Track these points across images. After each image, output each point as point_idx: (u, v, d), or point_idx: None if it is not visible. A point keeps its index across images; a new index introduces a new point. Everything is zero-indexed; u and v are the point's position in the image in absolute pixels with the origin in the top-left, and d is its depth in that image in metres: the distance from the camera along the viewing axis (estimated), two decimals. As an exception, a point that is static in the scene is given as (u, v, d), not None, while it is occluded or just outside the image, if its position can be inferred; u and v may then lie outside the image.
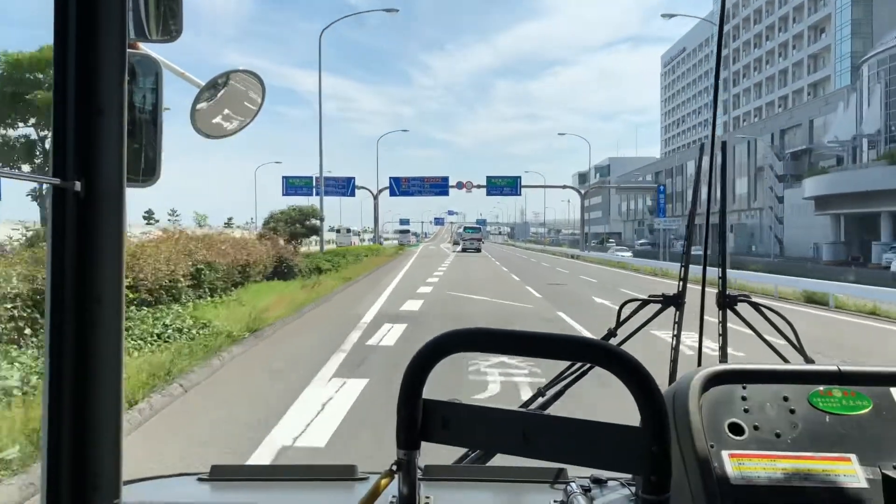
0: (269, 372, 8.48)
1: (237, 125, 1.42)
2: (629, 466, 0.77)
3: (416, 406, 0.81)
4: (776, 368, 1.15)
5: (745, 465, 1.03)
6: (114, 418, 0.95)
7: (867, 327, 13.83)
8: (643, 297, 1.80)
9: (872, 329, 13.57)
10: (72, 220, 0.91)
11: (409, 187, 58.86)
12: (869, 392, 1.10)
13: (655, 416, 0.71)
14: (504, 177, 59.60)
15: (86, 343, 0.93)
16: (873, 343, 11.70)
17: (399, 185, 58.94)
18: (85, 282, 0.93)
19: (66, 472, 0.92)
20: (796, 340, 1.63)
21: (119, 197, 0.94)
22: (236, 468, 1.31)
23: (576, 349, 0.80)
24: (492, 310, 15.61)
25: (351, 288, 21.51)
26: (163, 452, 5.16)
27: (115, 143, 0.93)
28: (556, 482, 1.25)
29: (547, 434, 0.78)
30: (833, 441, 1.05)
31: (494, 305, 16.54)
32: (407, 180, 59.20)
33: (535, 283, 24.03)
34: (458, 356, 1.03)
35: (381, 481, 0.81)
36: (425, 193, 59.26)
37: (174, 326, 9.69)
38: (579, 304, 16.68)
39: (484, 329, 0.80)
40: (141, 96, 1.05)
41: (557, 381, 1.66)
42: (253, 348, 10.03)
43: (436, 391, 0.80)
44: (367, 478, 1.27)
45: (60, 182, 0.90)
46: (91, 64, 0.92)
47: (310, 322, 13.35)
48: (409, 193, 59.03)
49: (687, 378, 1.13)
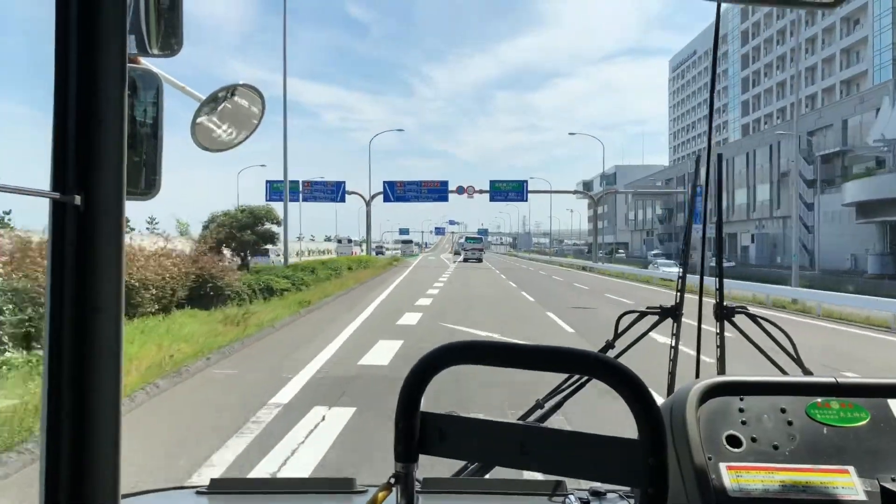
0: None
1: (237, 138, 1.44)
2: (627, 479, 0.78)
3: (414, 419, 0.81)
4: (774, 380, 1.15)
5: (743, 477, 1.02)
6: (112, 431, 0.95)
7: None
8: (641, 308, 1.83)
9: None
10: (71, 234, 0.92)
11: (404, 192, 54.34)
12: (867, 404, 1.10)
13: (653, 428, 0.72)
14: (509, 181, 54.67)
15: (85, 356, 0.94)
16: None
17: (394, 190, 54.39)
18: (84, 294, 0.93)
19: (65, 485, 0.92)
20: (794, 352, 1.66)
21: (118, 210, 0.95)
22: (235, 481, 1.37)
23: (574, 362, 0.81)
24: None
25: (302, 319, 15.43)
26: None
27: (115, 157, 0.94)
28: (555, 495, 1.24)
29: (545, 446, 0.78)
30: (831, 453, 1.05)
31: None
32: (402, 185, 54.69)
33: (555, 306, 18.93)
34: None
35: (379, 494, 0.81)
36: (422, 199, 54.88)
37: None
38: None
39: (481, 342, 0.82)
40: (142, 110, 1.07)
41: (555, 393, 1.67)
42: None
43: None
44: (365, 491, 1.27)
45: (60, 196, 0.91)
46: (92, 78, 0.93)
47: (158, 413, 6.98)
48: (405, 199, 54.67)
49: (685, 390, 1.13)
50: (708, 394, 1.11)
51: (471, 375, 6.45)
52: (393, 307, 17.87)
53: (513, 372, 0.84)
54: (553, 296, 23.28)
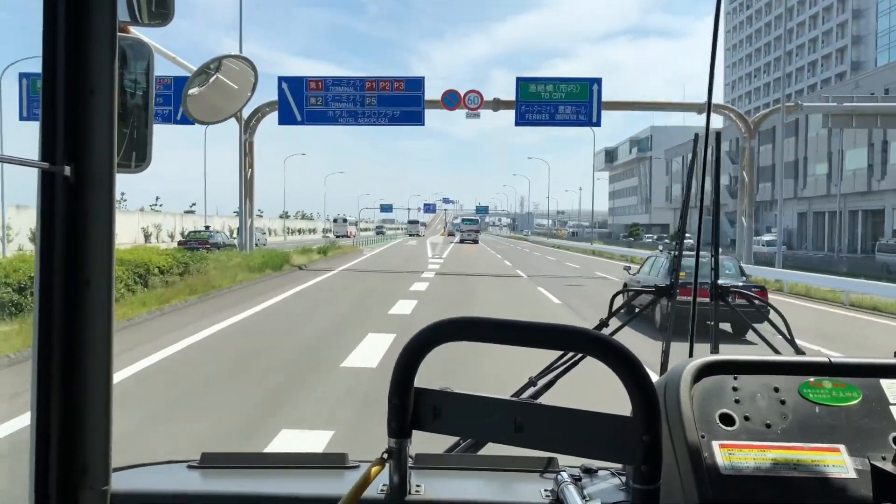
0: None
1: (229, 110, 1.44)
2: (620, 456, 0.78)
3: (408, 395, 0.81)
4: (767, 359, 1.16)
5: (736, 455, 1.03)
6: (103, 404, 0.95)
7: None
8: (636, 287, 1.94)
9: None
10: (61, 205, 0.91)
11: (326, 105, 26.68)
12: (859, 383, 1.11)
13: (647, 406, 0.72)
14: (565, 79, 27.00)
15: (75, 328, 0.93)
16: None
17: (303, 103, 26.61)
18: (75, 267, 0.93)
19: (55, 457, 0.92)
20: (787, 332, 1.67)
21: (109, 182, 0.94)
22: (226, 456, 1.31)
23: (568, 339, 0.81)
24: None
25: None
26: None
27: (105, 128, 0.93)
28: (547, 471, 1.25)
29: (538, 423, 0.78)
30: (823, 432, 1.06)
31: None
32: (320, 84, 26.76)
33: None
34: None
35: (372, 469, 0.81)
36: (366, 120, 26.75)
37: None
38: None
39: (476, 318, 0.81)
40: (132, 81, 1.05)
41: (549, 370, 1.67)
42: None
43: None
44: (357, 466, 1.27)
45: (49, 166, 0.90)
46: (81, 48, 0.91)
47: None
48: (327, 119, 27.02)
49: (678, 368, 1.13)
50: (702, 372, 1.12)
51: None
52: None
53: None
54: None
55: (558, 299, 16.25)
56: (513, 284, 20.67)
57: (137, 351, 8.51)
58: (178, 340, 9.45)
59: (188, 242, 32.08)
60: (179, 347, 9.05)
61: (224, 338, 10.05)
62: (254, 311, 12.94)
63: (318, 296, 16.25)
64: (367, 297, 15.64)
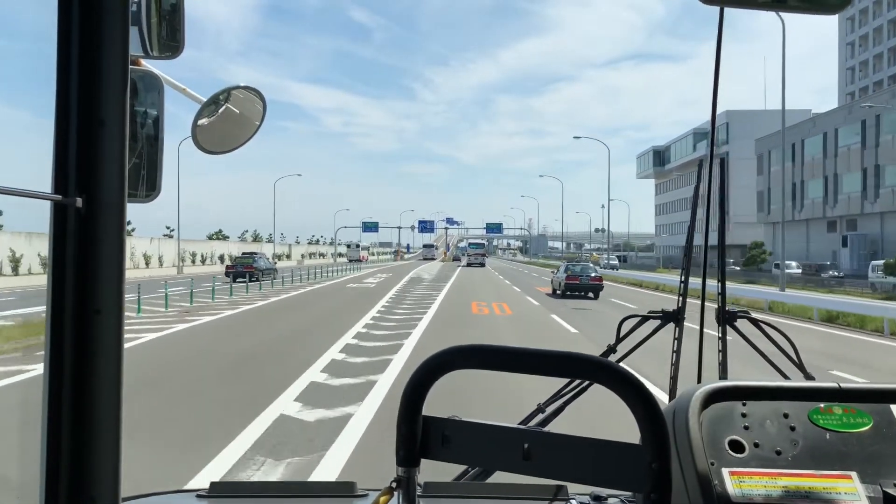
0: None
1: (238, 141, 1.44)
2: (629, 484, 0.77)
3: (416, 423, 0.81)
4: (776, 385, 1.15)
5: (746, 482, 1.02)
6: (113, 432, 0.96)
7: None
8: (643, 312, 1.81)
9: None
10: (72, 236, 0.92)
11: None
12: (869, 409, 1.10)
13: (656, 433, 0.72)
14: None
15: (85, 356, 0.94)
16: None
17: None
18: (85, 296, 0.94)
19: (65, 487, 0.92)
20: (796, 357, 1.66)
21: (120, 213, 0.95)
22: (235, 485, 1.31)
23: (576, 366, 0.81)
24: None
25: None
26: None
27: (116, 159, 0.94)
28: (556, 499, 1.25)
29: (547, 451, 0.78)
30: (834, 459, 1.05)
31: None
32: None
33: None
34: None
35: (381, 498, 0.81)
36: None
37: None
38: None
39: (483, 346, 0.81)
40: (142, 112, 1.07)
41: (557, 397, 1.66)
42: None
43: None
44: (366, 494, 1.27)
45: (62, 198, 0.91)
46: (93, 80, 0.93)
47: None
48: None
49: (687, 395, 1.13)
50: (710, 398, 1.11)
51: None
52: None
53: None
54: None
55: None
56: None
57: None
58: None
59: (235, 267, 34.46)
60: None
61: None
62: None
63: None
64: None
